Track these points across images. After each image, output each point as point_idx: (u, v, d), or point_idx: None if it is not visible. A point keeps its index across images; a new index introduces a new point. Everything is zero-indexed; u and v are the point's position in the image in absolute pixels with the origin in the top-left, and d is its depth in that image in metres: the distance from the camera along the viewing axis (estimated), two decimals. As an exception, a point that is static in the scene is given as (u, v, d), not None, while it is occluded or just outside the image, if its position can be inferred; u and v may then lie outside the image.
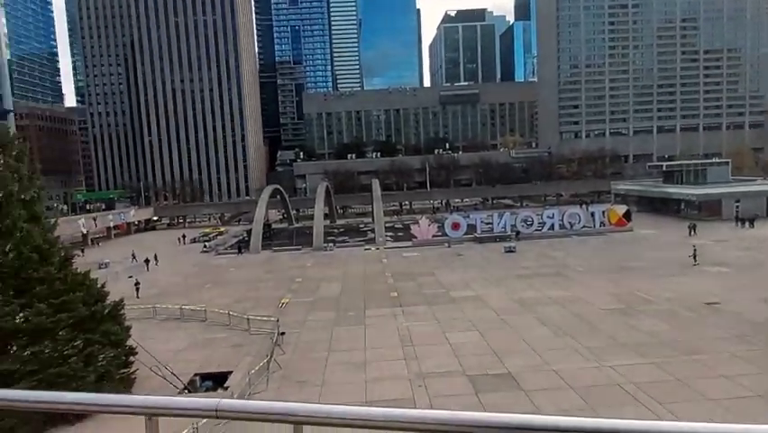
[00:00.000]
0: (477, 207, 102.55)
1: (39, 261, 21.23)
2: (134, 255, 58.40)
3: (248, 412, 1.42)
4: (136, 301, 36.53)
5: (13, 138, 23.98)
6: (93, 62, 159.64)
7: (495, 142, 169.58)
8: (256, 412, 1.39)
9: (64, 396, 1.53)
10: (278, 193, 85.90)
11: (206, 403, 1.43)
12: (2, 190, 20.83)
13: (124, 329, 23.78)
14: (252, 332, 29.83)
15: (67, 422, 20.54)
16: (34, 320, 20.51)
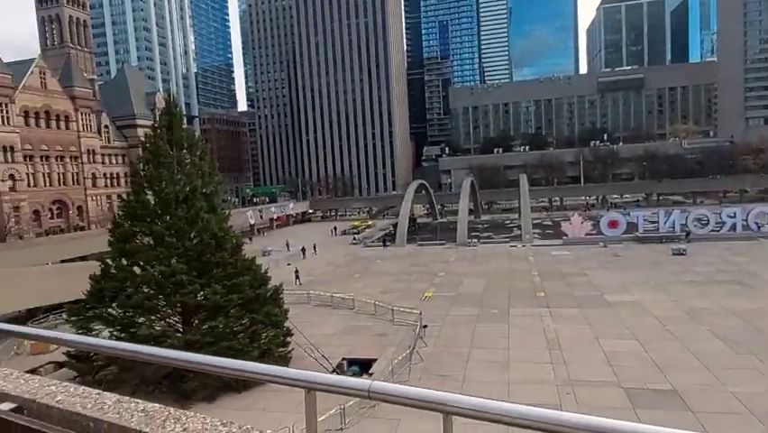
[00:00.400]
0: (639, 204, 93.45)
1: (216, 247, 24.12)
2: (288, 245, 63.91)
3: (399, 396, 1.38)
4: (293, 287, 39.75)
5: (198, 140, 27.59)
6: (261, 70, 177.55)
7: (662, 132, 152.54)
8: (407, 397, 1.34)
9: (234, 363, 1.63)
10: (423, 188, 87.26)
11: (360, 383, 1.44)
12: (189, 185, 24.10)
13: (283, 312, 26.02)
14: (396, 322, 30.69)
15: (235, 391, 23.16)
16: (212, 299, 23.39)
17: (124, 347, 1.87)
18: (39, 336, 2.16)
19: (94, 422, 1.65)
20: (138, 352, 1.86)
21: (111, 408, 1.71)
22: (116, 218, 26.66)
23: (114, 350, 1.91)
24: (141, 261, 24.47)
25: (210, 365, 1.68)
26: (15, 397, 1.81)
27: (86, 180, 75.54)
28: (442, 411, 1.29)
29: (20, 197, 64.63)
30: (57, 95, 71.39)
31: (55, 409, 1.70)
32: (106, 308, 24.28)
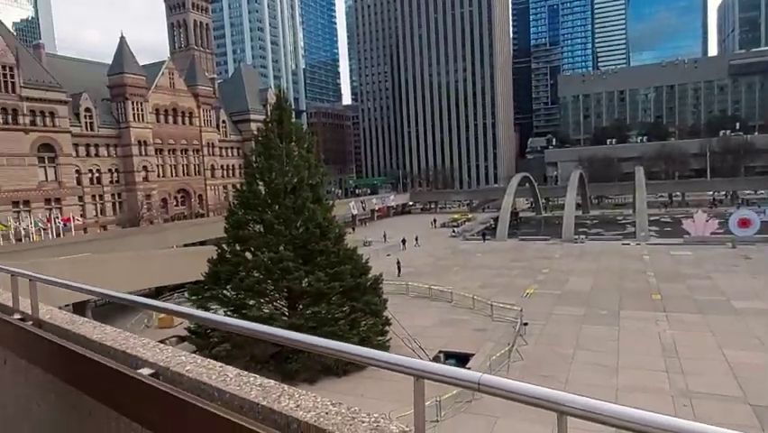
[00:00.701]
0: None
1: (320, 236, 25.14)
2: (385, 236, 65.08)
3: (510, 391, 1.33)
4: (392, 277, 40.37)
5: (305, 133, 28.84)
6: (365, 64, 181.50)
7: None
8: (519, 393, 1.29)
9: (350, 347, 1.67)
10: (526, 181, 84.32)
11: (471, 375, 1.42)
12: (297, 176, 25.32)
13: (382, 301, 26.52)
14: (495, 318, 30.06)
15: (335, 375, 24.06)
16: (315, 285, 24.44)
17: (248, 326, 2.00)
18: (176, 312, 2.36)
19: (218, 392, 1.78)
20: (269, 333, 1.96)
21: (232, 380, 1.83)
22: (231, 207, 28.74)
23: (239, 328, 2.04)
24: (253, 247, 26.16)
25: (326, 348, 1.73)
26: (153, 364, 2.00)
27: (206, 171, 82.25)
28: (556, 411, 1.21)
29: (151, 186, 71.96)
30: (183, 93, 78.34)
31: (185, 377, 1.86)
32: (222, 290, 26.30)
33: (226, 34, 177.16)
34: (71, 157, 62.26)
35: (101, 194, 67.51)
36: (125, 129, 69.11)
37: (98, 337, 2.45)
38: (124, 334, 2.49)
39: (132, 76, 69.17)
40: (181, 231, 55.84)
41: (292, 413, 1.59)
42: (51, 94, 59.72)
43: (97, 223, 64.87)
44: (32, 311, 2.76)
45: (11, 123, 56.03)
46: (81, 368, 2.28)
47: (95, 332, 2.51)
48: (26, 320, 2.73)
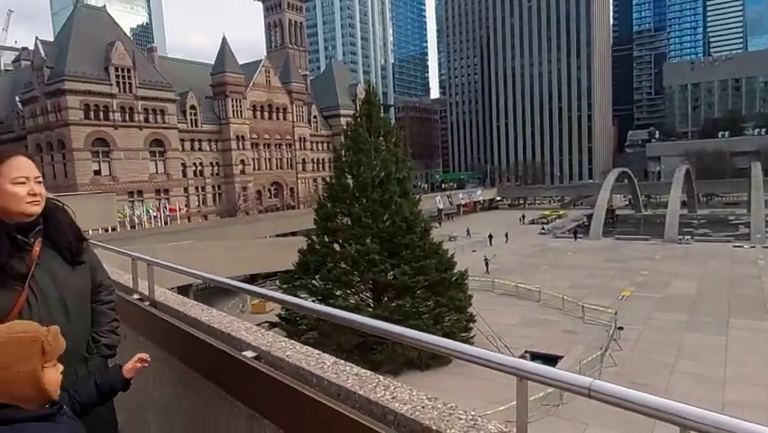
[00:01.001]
0: None
1: (406, 229, 25.29)
2: (468, 231, 64.21)
3: (625, 400, 1.24)
4: (477, 273, 39.73)
5: (393, 128, 29.10)
6: (454, 57, 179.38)
7: None
8: (635, 403, 1.20)
9: (451, 343, 1.67)
10: (625, 177, 79.34)
11: (580, 380, 1.35)
12: (384, 170, 25.63)
13: (467, 297, 26.20)
14: (587, 320, 28.68)
15: (417, 368, 24.13)
16: (400, 279, 24.63)
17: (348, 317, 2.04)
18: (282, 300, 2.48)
19: (316, 378, 1.83)
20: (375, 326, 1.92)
21: (329, 368, 1.88)
22: (321, 200, 29.67)
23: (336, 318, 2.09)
24: (341, 239, 26.85)
25: (423, 341, 1.72)
26: (255, 347, 2.11)
27: (298, 165, 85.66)
28: (679, 424, 1.10)
29: (247, 179, 76.20)
30: (277, 90, 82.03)
31: (285, 361, 1.94)
32: (310, 280, 27.28)
33: (319, 32, 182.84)
34: (178, 151, 67.45)
35: (203, 186, 72.55)
36: (225, 125, 73.66)
37: (206, 319, 2.63)
38: (228, 317, 2.65)
39: (233, 75, 73.48)
40: (274, 222, 58.62)
41: (388, 404, 1.60)
42: (163, 93, 64.97)
43: (199, 212, 69.81)
44: (149, 293, 3.03)
45: (128, 120, 61.71)
46: (192, 347, 2.46)
47: (203, 314, 2.70)
48: (144, 300, 3.00)
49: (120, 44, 61.11)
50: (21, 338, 1.56)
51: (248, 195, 74.63)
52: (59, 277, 1.99)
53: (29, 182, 1.97)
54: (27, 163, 2.00)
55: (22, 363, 1.53)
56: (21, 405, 1.54)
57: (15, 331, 1.57)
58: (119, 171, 60.32)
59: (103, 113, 59.66)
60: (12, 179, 1.94)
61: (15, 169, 1.96)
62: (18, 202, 1.94)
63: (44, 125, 59.83)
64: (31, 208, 1.96)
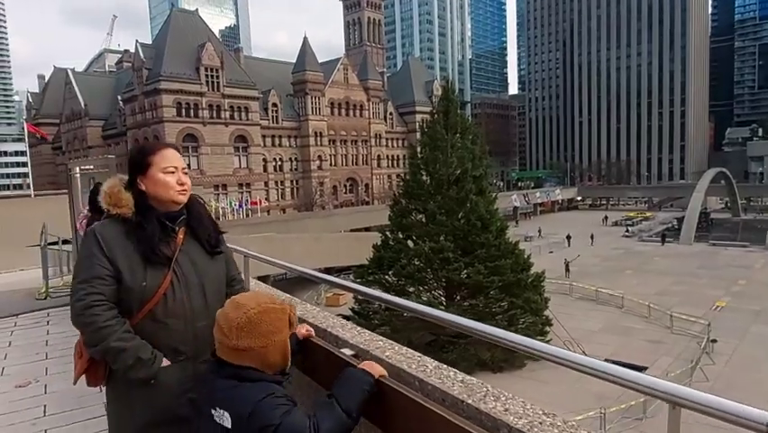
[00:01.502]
0: None
1: (481, 228, 24.83)
2: (540, 231, 61.97)
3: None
4: (554, 276, 38.27)
5: (470, 125, 28.63)
6: (534, 51, 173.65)
7: None
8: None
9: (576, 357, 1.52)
10: (722, 177, 73.38)
11: (756, 415, 1.15)
12: (460, 168, 25.31)
13: (544, 300, 25.33)
14: (675, 331, 26.85)
15: (489, 370, 23.63)
16: (474, 278, 24.25)
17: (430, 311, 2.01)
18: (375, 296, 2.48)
19: (419, 381, 1.77)
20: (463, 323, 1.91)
21: (432, 371, 1.82)
22: (396, 196, 29.80)
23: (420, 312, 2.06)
24: (415, 235, 26.83)
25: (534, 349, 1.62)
26: (353, 345, 2.11)
27: (373, 161, 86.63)
28: None
29: (324, 174, 78.11)
30: (355, 87, 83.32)
31: (385, 362, 1.91)
32: (384, 275, 27.51)
33: (396, 29, 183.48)
34: (260, 147, 70.36)
35: (282, 180, 75.22)
36: (304, 121, 75.87)
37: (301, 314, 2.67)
38: (323, 313, 2.69)
39: (312, 73, 75.50)
40: (348, 217, 59.70)
41: (501, 417, 1.50)
42: (247, 91, 67.98)
43: (278, 206, 72.46)
44: (245, 284, 3.13)
45: (215, 117, 65.15)
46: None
47: (299, 308, 2.74)
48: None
49: (210, 45, 64.58)
50: (275, 309, 1.69)
51: (324, 190, 76.51)
52: (199, 264, 2.09)
53: (177, 172, 2.09)
54: (176, 155, 2.13)
55: (277, 333, 1.67)
56: (264, 370, 1.66)
57: (267, 302, 1.70)
58: (206, 166, 63.88)
59: (193, 110, 63.37)
60: (162, 169, 2.06)
61: (166, 159, 2.09)
62: (168, 190, 2.06)
63: (142, 122, 64.49)
64: (179, 197, 2.07)
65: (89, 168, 7.33)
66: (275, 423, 1.52)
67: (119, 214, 2.01)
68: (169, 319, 1.99)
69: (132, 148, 2.24)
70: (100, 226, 2.00)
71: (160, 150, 2.11)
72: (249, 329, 1.63)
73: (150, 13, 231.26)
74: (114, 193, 2.03)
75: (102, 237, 1.96)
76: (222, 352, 1.68)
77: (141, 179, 2.07)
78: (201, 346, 2.00)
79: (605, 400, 19.58)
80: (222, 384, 1.65)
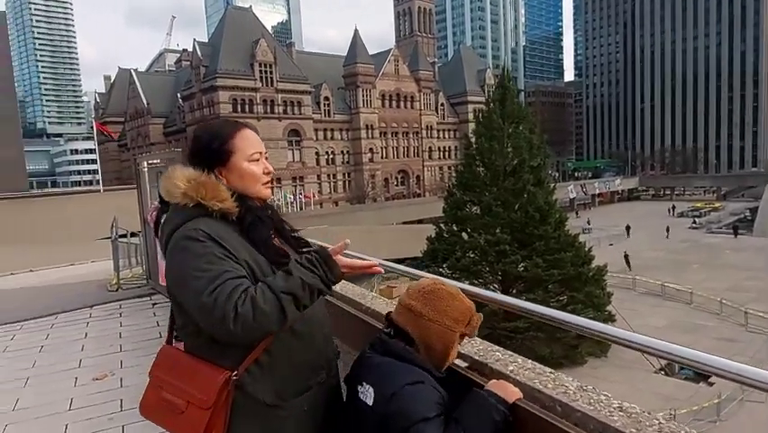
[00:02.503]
0: None
1: (539, 220, 24.08)
2: (589, 222, 59.80)
3: None
4: (615, 269, 36.72)
5: (527, 113, 27.78)
6: (592, 35, 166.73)
7: None
8: None
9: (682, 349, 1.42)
10: (800, 165, 68.13)
11: None
12: (517, 158, 24.59)
13: (606, 295, 24.34)
14: (750, 329, 25.20)
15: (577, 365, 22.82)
16: (532, 271, 23.59)
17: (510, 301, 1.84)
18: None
19: (561, 405, 1.48)
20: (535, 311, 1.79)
21: (576, 394, 1.50)
22: (450, 188, 29.39)
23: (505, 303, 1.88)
24: (470, 228, 26.39)
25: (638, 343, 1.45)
26: (465, 355, 1.87)
27: (424, 153, 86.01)
28: None
29: (375, 167, 78.26)
30: (405, 79, 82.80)
31: (511, 378, 1.62)
32: (438, 268, 27.23)
33: (447, 18, 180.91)
34: (312, 141, 71.27)
35: (334, 173, 75.99)
36: (355, 114, 76.20)
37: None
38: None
39: (363, 65, 75.62)
40: (401, 209, 59.60)
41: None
42: (299, 86, 68.92)
43: (330, 199, 73.31)
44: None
45: (269, 112, 66.47)
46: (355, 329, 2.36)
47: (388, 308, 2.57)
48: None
49: (263, 42, 65.84)
50: (464, 302, 1.65)
51: (376, 182, 76.72)
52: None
53: (262, 158, 1.69)
54: (256, 137, 1.72)
55: (451, 321, 1.59)
56: (419, 351, 1.59)
57: (461, 294, 1.68)
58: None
59: (248, 106, 64.91)
60: (248, 156, 1.64)
61: (250, 143, 1.67)
62: (256, 183, 1.65)
63: (200, 119, 66.67)
64: (266, 191, 1.69)
65: (156, 162, 7.50)
66: (411, 420, 1.38)
67: (222, 210, 1.53)
68: (306, 327, 1.60)
69: (200, 132, 1.69)
70: (205, 225, 1.49)
71: (239, 131, 1.67)
72: (430, 298, 1.61)
73: (207, 12, 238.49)
74: (210, 184, 1.55)
75: (220, 237, 1.47)
76: (396, 310, 1.68)
77: (221, 171, 1.61)
78: (331, 358, 1.72)
79: (673, 402, 18.62)
80: (377, 360, 1.59)
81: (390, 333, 1.65)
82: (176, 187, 1.56)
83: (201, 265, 1.41)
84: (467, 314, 1.64)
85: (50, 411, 3.90)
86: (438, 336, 1.58)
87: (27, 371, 4.78)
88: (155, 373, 1.59)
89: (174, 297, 1.55)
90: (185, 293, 1.45)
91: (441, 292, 1.63)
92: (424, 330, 1.59)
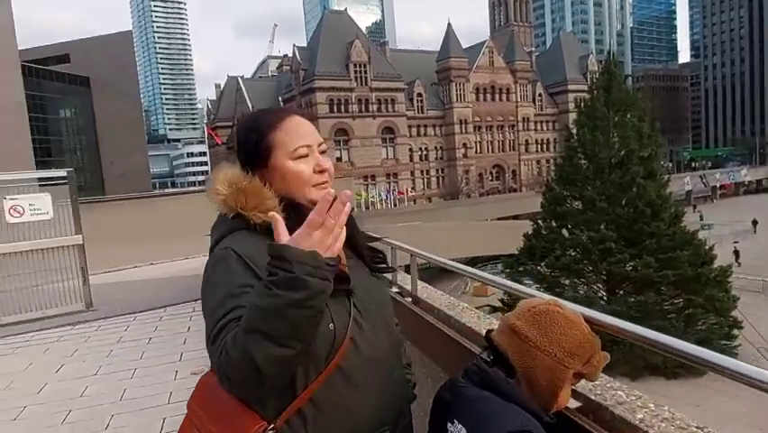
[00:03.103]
0: None
1: (650, 215, 22.19)
2: (701, 217, 53.85)
3: None
4: (741, 270, 32.95)
5: (636, 99, 25.70)
6: (711, 11, 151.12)
7: None
8: None
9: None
10: None
11: None
12: (624, 148, 22.81)
13: (731, 298, 21.89)
14: None
15: (662, 375, 21.07)
16: (642, 271, 21.79)
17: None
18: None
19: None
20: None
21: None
22: (548, 182, 28.00)
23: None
24: (570, 224, 24.97)
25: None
26: (579, 394, 1.57)
27: (520, 147, 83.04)
28: None
29: (469, 162, 76.88)
30: (501, 70, 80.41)
31: (641, 431, 1.33)
32: (536, 266, 26.08)
33: (545, 4, 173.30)
34: (406, 137, 71.60)
35: (427, 169, 75.77)
36: (449, 109, 75.38)
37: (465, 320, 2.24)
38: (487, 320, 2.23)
39: (456, 59, 74.56)
40: (495, 205, 58.02)
41: None
42: (393, 84, 69.52)
43: (424, 195, 73.21)
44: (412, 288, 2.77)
45: (363, 111, 67.74)
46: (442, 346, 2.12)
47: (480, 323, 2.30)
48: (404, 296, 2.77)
49: (358, 42, 67.17)
50: (585, 335, 1.31)
51: (470, 178, 75.44)
52: (370, 288, 1.35)
53: (312, 153, 1.33)
54: (305, 125, 1.36)
55: (565, 354, 1.27)
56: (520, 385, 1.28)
57: (582, 323, 1.34)
58: (356, 158, 66.85)
59: (344, 105, 66.62)
60: (291, 153, 1.30)
61: (293, 134, 1.32)
62: (303, 186, 1.31)
63: (299, 120, 69.60)
64: (319, 194, 1.26)
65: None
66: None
67: (265, 224, 1.21)
68: (363, 371, 1.22)
69: (239, 124, 1.42)
70: (239, 245, 1.22)
71: (281, 121, 1.33)
72: (541, 320, 1.29)
73: (305, 18, 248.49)
74: (251, 190, 1.27)
75: (251, 258, 1.18)
76: (498, 328, 1.36)
77: (263, 172, 1.32)
78: (401, 408, 1.36)
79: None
80: (473, 392, 1.27)
81: (490, 358, 1.33)
82: (216, 193, 1.31)
83: (217, 292, 1.16)
84: (588, 349, 1.30)
85: (151, 404, 4.08)
86: (545, 368, 1.26)
87: (136, 362, 5.08)
88: (192, 406, 1.29)
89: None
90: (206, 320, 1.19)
91: (556, 316, 1.31)
92: (528, 359, 1.27)
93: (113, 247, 10.68)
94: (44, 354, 5.58)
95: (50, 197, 7.08)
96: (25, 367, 5.15)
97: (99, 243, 8.27)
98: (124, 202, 14.12)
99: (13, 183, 7.00)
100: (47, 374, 4.89)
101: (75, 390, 4.44)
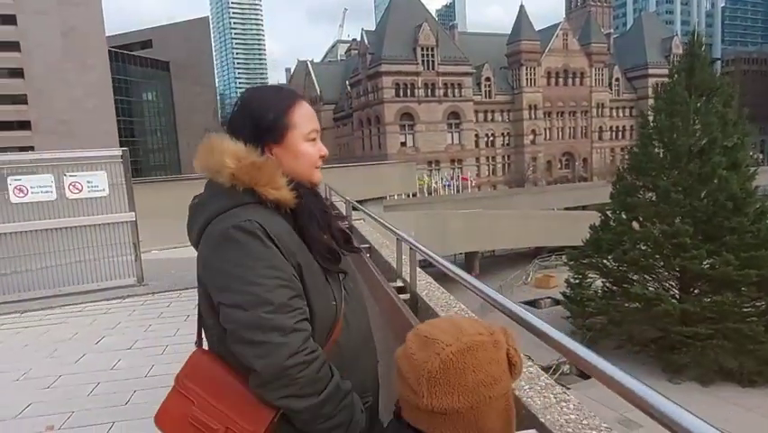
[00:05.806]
0: None
1: (732, 210, 20.51)
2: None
3: None
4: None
5: (721, 84, 23.63)
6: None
7: None
8: None
9: None
10: None
11: None
12: (706, 136, 21.05)
13: (822, 304, 19.90)
14: None
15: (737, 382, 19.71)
16: (720, 269, 20.23)
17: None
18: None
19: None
20: None
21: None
22: (620, 171, 26.44)
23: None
24: (641, 216, 23.57)
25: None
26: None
27: (593, 134, 79.04)
28: None
29: (537, 149, 74.13)
30: (575, 54, 76.53)
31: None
32: (602, 259, 24.82)
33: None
34: (472, 123, 70.06)
35: (493, 156, 73.92)
36: (518, 95, 72.91)
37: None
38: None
39: (528, 42, 71.80)
40: (562, 194, 55.82)
41: None
42: (460, 68, 68.01)
43: (488, 182, 71.59)
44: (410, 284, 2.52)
45: (429, 95, 66.86)
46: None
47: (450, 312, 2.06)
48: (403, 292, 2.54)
49: (426, 26, 66.14)
50: (484, 343, 0.99)
51: (537, 165, 72.93)
52: (347, 266, 1.43)
53: (318, 138, 1.40)
54: (313, 112, 1.42)
55: (492, 384, 0.98)
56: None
57: (471, 333, 1.00)
58: (420, 142, 66.27)
59: (410, 90, 66.05)
60: (306, 135, 1.36)
61: (308, 119, 1.37)
62: (308, 167, 1.37)
63: (365, 103, 69.78)
64: (318, 176, 1.40)
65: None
66: None
67: (277, 200, 1.26)
68: (352, 350, 1.33)
69: (251, 97, 1.38)
70: (261, 218, 1.22)
71: (298, 103, 1.36)
72: (446, 380, 0.96)
73: (375, 2, 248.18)
74: (268, 167, 1.27)
75: (278, 237, 1.22)
76: (411, 414, 1.03)
77: (272, 149, 1.32)
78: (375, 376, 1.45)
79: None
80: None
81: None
82: (223, 165, 1.26)
83: (261, 271, 1.17)
84: (502, 356, 1.02)
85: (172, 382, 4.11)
86: (490, 415, 1.00)
87: (169, 338, 5.18)
88: (183, 380, 1.31)
89: (207, 295, 1.27)
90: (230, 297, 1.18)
91: (454, 361, 0.97)
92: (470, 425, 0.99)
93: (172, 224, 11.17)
94: (90, 324, 5.83)
95: (105, 174, 7.37)
96: (71, 337, 5.40)
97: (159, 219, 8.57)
98: (182, 183, 14.68)
99: (73, 161, 7.34)
100: (87, 345, 5.09)
101: (108, 362, 4.58)
